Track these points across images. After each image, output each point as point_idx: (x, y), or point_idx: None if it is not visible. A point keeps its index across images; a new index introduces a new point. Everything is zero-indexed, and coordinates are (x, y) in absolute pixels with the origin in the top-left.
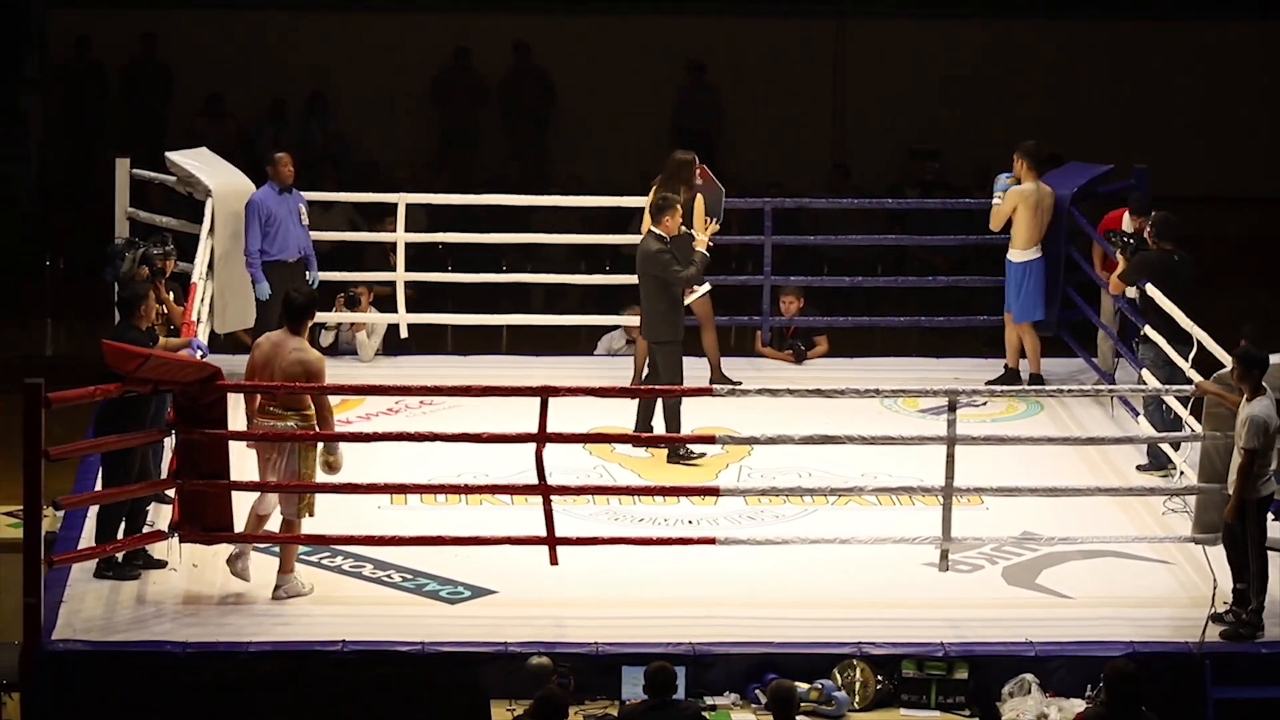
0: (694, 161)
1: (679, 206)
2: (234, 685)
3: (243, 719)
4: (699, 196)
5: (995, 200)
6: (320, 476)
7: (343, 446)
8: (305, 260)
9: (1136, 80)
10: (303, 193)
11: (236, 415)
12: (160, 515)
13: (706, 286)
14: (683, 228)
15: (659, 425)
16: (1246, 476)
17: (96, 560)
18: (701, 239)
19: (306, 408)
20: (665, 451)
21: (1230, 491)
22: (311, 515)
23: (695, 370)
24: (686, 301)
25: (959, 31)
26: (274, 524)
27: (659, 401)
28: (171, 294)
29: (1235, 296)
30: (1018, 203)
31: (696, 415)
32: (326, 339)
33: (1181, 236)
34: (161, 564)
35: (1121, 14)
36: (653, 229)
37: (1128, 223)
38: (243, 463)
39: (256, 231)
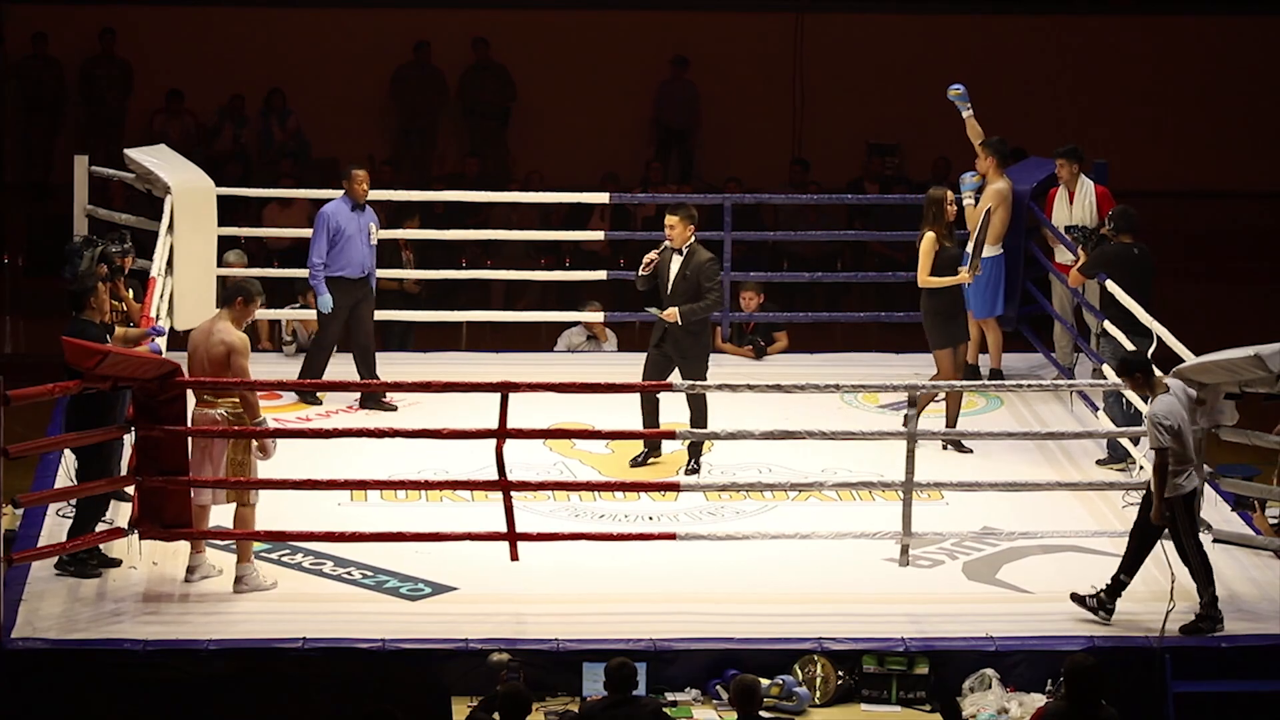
0: (943, 199)
1: (675, 219)
2: (194, 683)
3: (203, 716)
4: (928, 235)
5: (968, 201)
6: (260, 467)
7: (302, 443)
8: (368, 278)
9: (1097, 74)
10: (263, 189)
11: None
12: (119, 513)
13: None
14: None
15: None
16: (1161, 476)
17: (58, 555)
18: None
19: (235, 394)
20: (629, 447)
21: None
22: (253, 503)
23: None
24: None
25: (918, 25)
26: (221, 513)
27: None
28: (131, 291)
29: (1205, 291)
30: (998, 203)
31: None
32: (288, 347)
33: (1139, 229)
34: (116, 562)
35: (1082, 8)
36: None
37: (1061, 200)
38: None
39: (323, 243)
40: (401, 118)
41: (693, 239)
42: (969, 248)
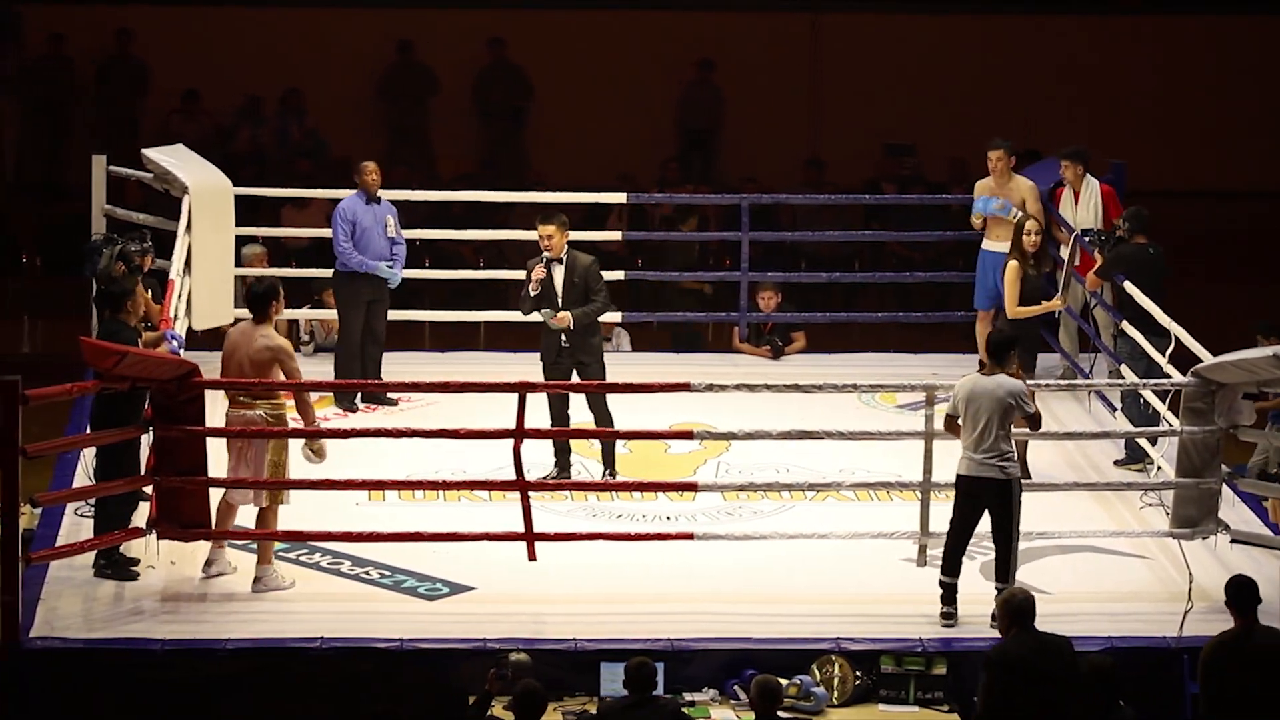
0: (1023, 227)
1: (551, 228)
2: (212, 682)
3: (221, 716)
4: (1011, 264)
5: (998, 213)
6: (299, 467)
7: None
8: (392, 268)
9: (1107, 75)
10: (282, 189)
11: (214, 412)
12: (138, 513)
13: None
14: (540, 271)
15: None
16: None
17: (95, 557)
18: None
19: (276, 396)
20: (646, 448)
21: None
22: (286, 503)
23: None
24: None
25: (933, 26)
26: (247, 513)
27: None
28: (149, 291)
29: (1209, 291)
30: (1033, 198)
31: (675, 411)
32: (306, 348)
33: (1153, 228)
34: (135, 562)
35: (1092, 9)
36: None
37: (1066, 201)
38: (220, 458)
39: (343, 234)
40: (411, 117)
41: (567, 244)
42: (1059, 276)
